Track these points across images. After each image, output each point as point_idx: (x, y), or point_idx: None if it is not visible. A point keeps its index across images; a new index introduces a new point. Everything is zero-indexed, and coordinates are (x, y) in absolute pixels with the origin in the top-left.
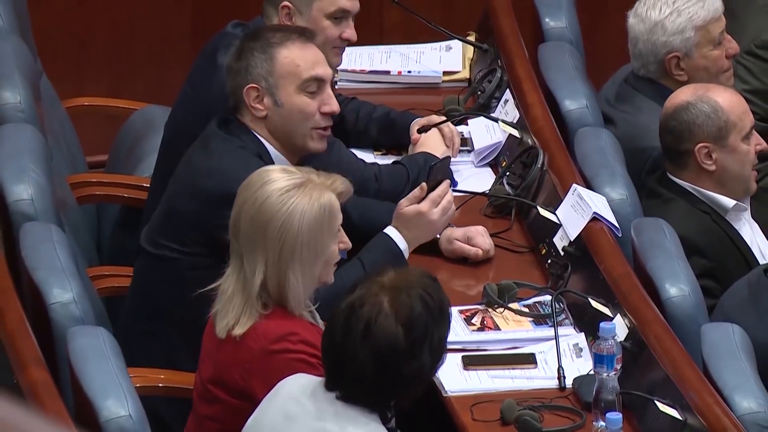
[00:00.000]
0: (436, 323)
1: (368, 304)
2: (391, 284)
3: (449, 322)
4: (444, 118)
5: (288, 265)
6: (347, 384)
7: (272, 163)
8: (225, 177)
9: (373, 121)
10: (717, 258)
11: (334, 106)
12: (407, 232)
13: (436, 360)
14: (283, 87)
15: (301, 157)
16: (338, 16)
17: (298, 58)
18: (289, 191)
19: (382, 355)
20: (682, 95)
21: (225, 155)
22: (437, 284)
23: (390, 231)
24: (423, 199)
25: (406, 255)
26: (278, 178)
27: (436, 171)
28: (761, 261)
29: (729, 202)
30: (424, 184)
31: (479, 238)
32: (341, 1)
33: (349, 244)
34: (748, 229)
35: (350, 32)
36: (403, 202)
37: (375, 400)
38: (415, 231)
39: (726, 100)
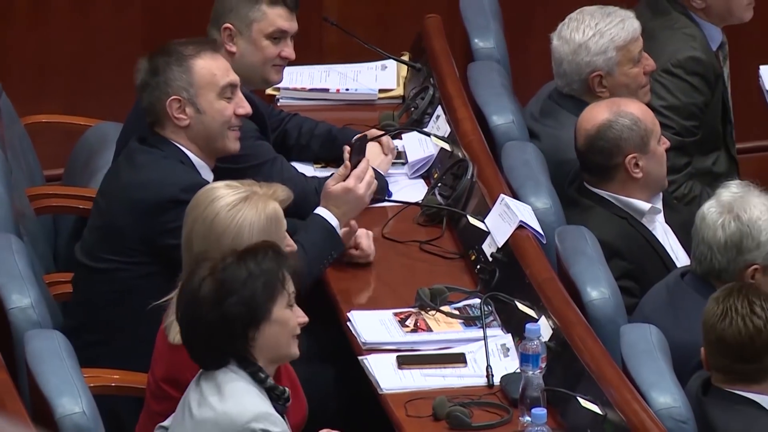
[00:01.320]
0: (252, 280)
1: (193, 271)
2: (232, 252)
3: (273, 285)
4: (382, 132)
5: None
6: (190, 348)
7: (194, 167)
8: (157, 186)
9: (315, 137)
10: (635, 260)
11: (247, 108)
12: (337, 209)
13: (247, 312)
14: (203, 95)
15: (243, 173)
16: (277, 36)
17: (213, 67)
18: (237, 205)
19: (191, 304)
20: (598, 115)
21: (152, 167)
22: (279, 256)
23: (321, 211)
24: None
25: (339, 231)
26: (224, 194)
27: (356, 150)
28: (675, 261)
29: (645, 206)
30: (347, 162)
31: (364, 240)
32: (279, 22)
33: (294, 247)
34: (661, 232)
35: (288, 51)
36: (330, 182)
37: (215, 355)
38: (344, 207)
39: (639, 110)
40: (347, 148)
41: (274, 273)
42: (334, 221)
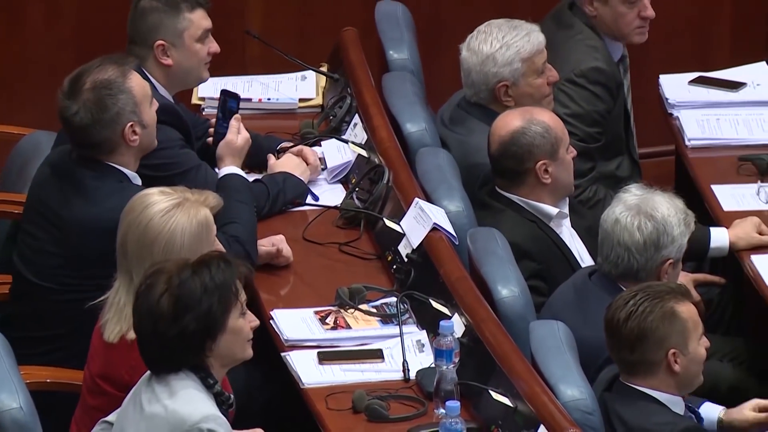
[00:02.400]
0: (207, 296)
1: (148, 284)
2: (185, 265)
3: (227, 298)
4: (302, 146)
5: None
6: (146, 356)
7: (130, 182)
8: (118, 212)
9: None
10: (543, 261)
11: (155, 104)
12: (232, 158)
13: (204, 327)
14: (145, 111)
15: (169, 180)
16: (204, 36)
17: (141, 81)
18: (169, 212)
19: (148, 320)
20: (512, 122)
21: (112, 194)
22: (230, 267)
23: (229, 170)
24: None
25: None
26: (158, 201)
27: (226, 115)
28: (580, 263)
29: (553, 210)
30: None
31: (284, 243)
32: (203, 23)
33: (223, 251)
34: (568, 235)
35: (214, 46)
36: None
37: (171, 364)
38: (236, 156)
39: (550, 119)
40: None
41: (228, 286)
42: (241, 172)
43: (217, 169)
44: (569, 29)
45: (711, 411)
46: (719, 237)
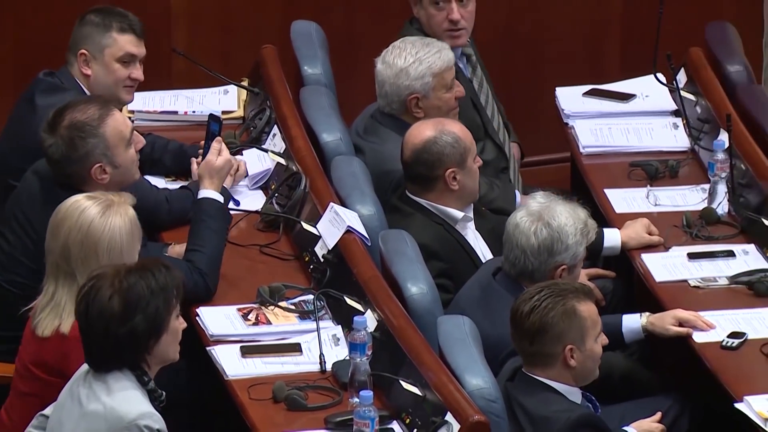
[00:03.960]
0: (154, 298)
1: (92, 286)
2: (127, 269)
3: (169, 300)
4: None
5: None
6: (92, 355)
7: None
8: None
9: (168, 153)
10: (450, 260)
11: (140, 142)
12: (210, 181)
13: (152, 327)
14: (118, 153)
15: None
16: (126, 59)
17: (119, 123)
18: (105, 213)
19: (99, 320)
20: (424, 132)
21: None
22: (170, 272)
23: (204, 192)
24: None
25: (221, 199)
26: (90, 205)
27: (210, 135)
28: (483, 261)
29: (458, 214)
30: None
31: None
32: (128, 47)
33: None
34: (472, 237)
35: (137, 73)
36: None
37: (114, 363)
38: (215, 177)
39: (460, 130)
40: (194, 160)
41: (170, 288)
42: (217, 196)
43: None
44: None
45: (632, 321)
46: (612, 237)
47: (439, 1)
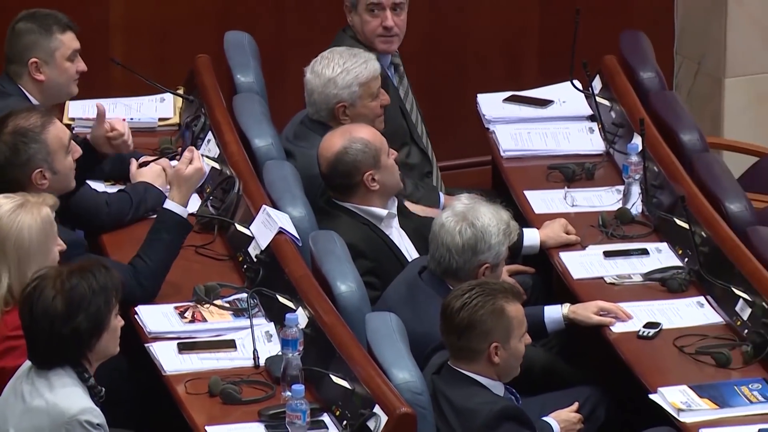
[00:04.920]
0: (95, 297)
1: (36, 287)
2: (69, 270)
3: (110, 299)
4: (158, 156)
5: (26, 270)
6: (36, 353)
7: None
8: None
9: (107, 158)
10: (376, 259)
11: (77, 152)
12: (178, 191)
13: (94, 325)
14: (57, 161)
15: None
16: (73, 56)
17: (61, 132)
18: (15, 211)
19: (43, 319)
20: (334, 144)
21: None
22: (109, 272)
23: (168, 204)
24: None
25: (185, 214)
26: (4, 203)
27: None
28: (409, 259)
29: (382, 212)
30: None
31: (120, 124)
32: (73, 44)
33: (64, 246)
34: (397, 236)
35: (82, 65)
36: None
37: (57, 360)
38: (183, 187)
39: (368, 133)
40: (133, 161)
41: (110, 288)
42: (181, 210)
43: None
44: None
45: (554, 311)
46: (531, 237)
47: (374, 9)
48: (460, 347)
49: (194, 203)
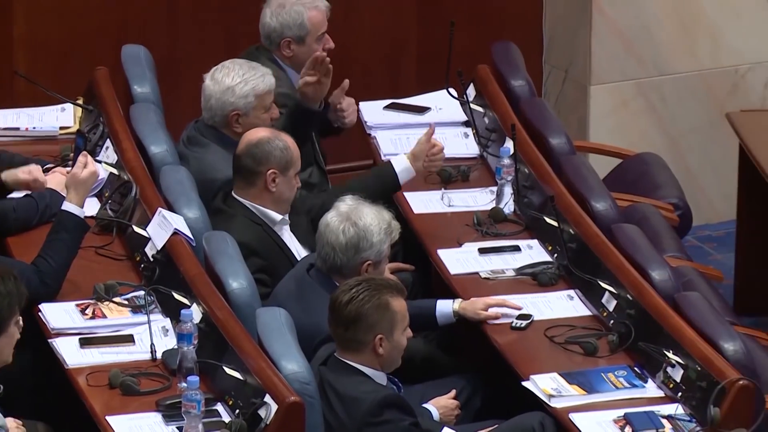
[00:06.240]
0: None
1: None
2: None
3: (13, 306)
4: (57, 163)
5: None
6: None
7: None
8: None
9: (14, 165)
10: (268, 258)
11: None
12: (75, 194)
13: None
14: None
15: None
16: None
17: None
18: None
19: None
20: (262, 132)
21: None
22: (17, 282)
23: (69, 207)
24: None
25: (82, 215)
26: None
27: (76, 152)
28: (298, 259)
29: (277, 216)
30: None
31: (39, 172)
32: None
33: None
34: (288, 237)
35: None
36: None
37: None
38: (80, 189)
39: (291, 142)
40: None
41: (15, 295)
42: (79, 210)
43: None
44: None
45: (445, 306)
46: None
47: (321, 36)
48: (347, 339)
49: (94, 206)
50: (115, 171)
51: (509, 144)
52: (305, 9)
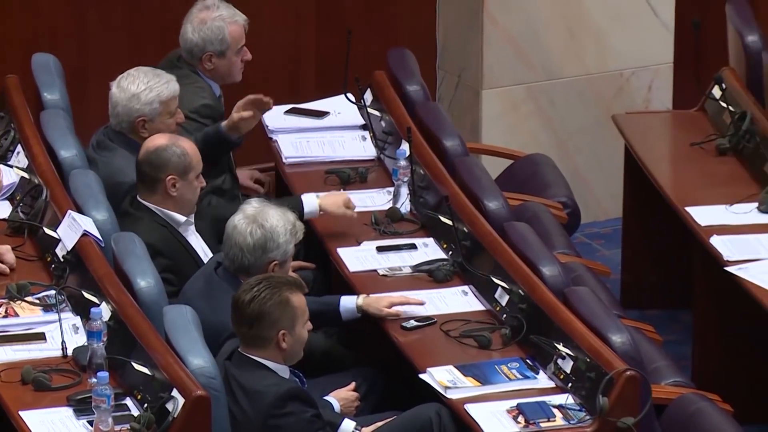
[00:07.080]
0: None
1: None
2: None
3: None
4: None
5: None
6: None
7: None
8: None
9: None
10: (173, 258)
11: None
12: None
13: None
14: None
15: None
16: None
17: None
18: None
19: None
20: (160, 140)
21: None
22: None
23: None
24: None
25: None
26: None
27: None
28: (204, 259)
29: (181, 218)
30: None
31: (9, 254)
32: None
33: None
34: (194, 238)
35: None
36: None
37: None
38: None
39: (189, 147)
40: None
41: None
42: None
43: None
44: (181, 74)
45: (349, 301)
46: (310, 203)
47: (241, 48)
48: (252, 336)
49: (5, 209)
50: (26, 175)
51: (405, 146)
52: (225, 24)
